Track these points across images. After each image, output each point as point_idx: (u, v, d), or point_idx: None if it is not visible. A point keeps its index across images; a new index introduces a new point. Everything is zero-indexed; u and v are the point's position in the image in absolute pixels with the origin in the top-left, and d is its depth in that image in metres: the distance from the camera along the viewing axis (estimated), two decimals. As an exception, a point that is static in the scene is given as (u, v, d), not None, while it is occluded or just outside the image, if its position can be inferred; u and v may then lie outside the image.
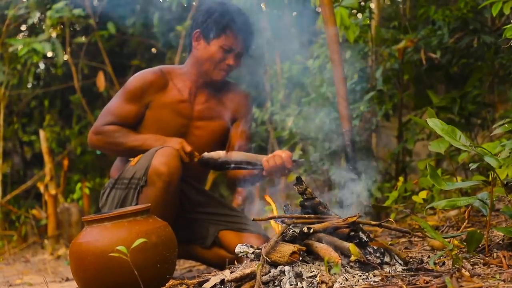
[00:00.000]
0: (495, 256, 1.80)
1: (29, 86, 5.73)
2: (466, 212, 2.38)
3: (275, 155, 2.48)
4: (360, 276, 1.69)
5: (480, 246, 1.91)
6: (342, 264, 1.71)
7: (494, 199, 1.89)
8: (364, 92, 3.48)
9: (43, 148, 4.87)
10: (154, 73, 2.69)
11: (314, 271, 1.71)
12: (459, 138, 1.82)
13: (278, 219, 1.89)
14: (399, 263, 1.80)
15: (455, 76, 3.62)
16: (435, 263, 1.79)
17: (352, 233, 1.86)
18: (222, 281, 1.79)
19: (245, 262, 1.90)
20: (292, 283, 1.65)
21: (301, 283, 1.65)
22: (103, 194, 2.74)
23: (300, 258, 1.74)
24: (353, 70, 3.65)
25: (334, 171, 2.61)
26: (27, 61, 4.93)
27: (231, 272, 1.84)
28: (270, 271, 1.71)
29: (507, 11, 2.36)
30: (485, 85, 3.34)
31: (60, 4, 4.63)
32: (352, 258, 1.71)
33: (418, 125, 3.36)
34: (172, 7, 4.81)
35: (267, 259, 1.73)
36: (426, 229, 1.80)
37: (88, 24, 5.27)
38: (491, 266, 1.72)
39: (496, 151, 1.97)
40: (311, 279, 1.67)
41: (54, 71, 5.78)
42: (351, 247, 1.73)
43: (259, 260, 1.74)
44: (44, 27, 4.92)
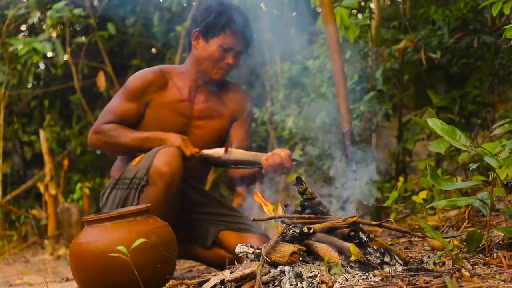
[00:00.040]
0: (495, 256, 1.80)
1: (29, 86, 5.73)
2: (466, 212, 2.38)
3: (274, 154, 2.49)
4: (360, 276, 1.69)
5: (480, 246, 1.91)
6: (342, 264, 1.71)
7: (494, 199, 1.89)
8: (364, 92, 3.48)
9: (43, 148, 4.87)
10: (154, 72, 2.69)
11: (314, 271, 1.71)
12: (459, 138, 1.82)
13: (278, 219, 1.89)
14: (399, 263, 1.80)
15: (455, 76, 3.62)
16: (435, 263, 1.79)
17: (352, 233, 1.87)
18: (222, 281, 1.79)
19: (245, 262, 1.90)
20: (292, 283, 1.65)
21: (301, 283, 1.65)
22: (103, 194, 2.74)
23: (300, 258, 1.74)
24: (353, 70, 3.65)
25: (334, 167, 2.61)
26: (27, 61, 4.93)
27: (231, 272, 1.84)
28: (270, 271, 1.71)
29: (507, 11, 2.36)
30: (485, 85, 3.34)
31: (60, 4, 4.63)
32: (352, 258, 1.71)
33: (418, 125, 3.36)
34: (172, 7, 4.81)
35: (267, 259, 1.73)
36: (426, 229, 1.80)
37: (88, 24, 5.27)
38: (491, 266, 1.72)
39: (496, 151, 1.97)
40: (311, 279, 1.67)
41: (54, 71, 5.78)
42: (351, 247, 1.73)
43: (259, 260, 1.74)
44: (45, 27, 4.92)
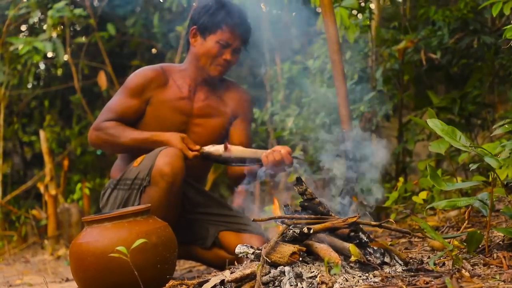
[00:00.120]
0: (495, 257, 1.80)
1: (29, 86, 5.72)
2: (466, 212, 2.38)
3: (275, 151, 2.49)
4: (360, 276, 1.69)
5: (480, 246, 1.91)
6: (342, 265, 1.71)
7: (494, 199, 1.89)
8: (364, 93, 3.48)
9: (43, 149, 4.86)
10: (154, 70, 2.70)
11: (314, 271, 1.71)
12: (459, 138, 1.82)
13: (278, 220, 1.89)
14: (399, 263, 1.80)
15: (455, 76, 3.62)
16: (435, 264, 1.79)
17: (352, 233, 1.87)
18: (222, 281, 1.79)
19: (245, 262, 1.90)
20: (292, 284, 1.65)
21: (301, 283, 1.65)
22: (103, 195, 2.74)
23: (300, 259, 1.74)
24: (353, 71, 3.65)
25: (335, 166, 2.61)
26: (27, 61, 4.93)
27: (231, 273, 1.84)
28: (270, 272, 1.71)
29: (507, 11, 2.36)
30: (485, 85, 3.34)
31: (61, 4, 4.63)
32: (352, 259, 1.71)
33: (418, 125, 3.36)
34: (172, 8, 4.81)
35: (267, 259, 1.73)
36: (426, 229, 1.80)
37: (88, 24, 5.27)
38: (491, 266, 1.72)
39: (496, 152, 1.97)
40: (311, 280, 1.67)
41: (54, 71, 5.78)
42: (351, 247, 1.73)
43: (259, 261, 1.74)
44: (45, 27, 4.92)
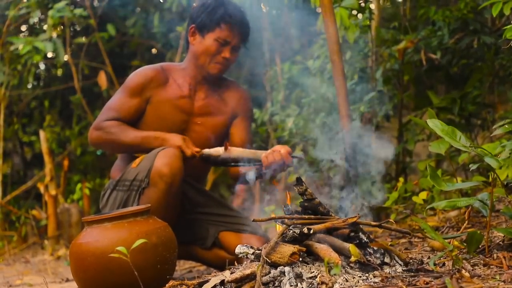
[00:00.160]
0: (495, 257, 1.80)
1: (29, 86, 5.72)
2: (466, 213, 2.38)
3: (274, 151, 2.49)
4: (360, 277, 1.69)
5: (480, 247, 1.91)
6: (342, 265, 1.71)
7: (494, 199, 1.89)
8: (364, 93, 3.48)
9: (43, 149, 4.86)
10: (154, 69, 2.70)
11: (314, 271, 1.71)
12: (459, 138, 1.82)
13: (278, 220, 1.89)
14: (399, 263, 1.80)
15: (455, 76, 3.62)
16: (435, 264, 1.79)
17: (352, 233, 1.87)
18: (222, 281, 1.79)
19: (245, 263, 1.90)
20: (292, 284, 1.65)
21: (301, 283, 1.65)
22: (103, 196, 2.74)
23: (300, 259, 1.74)
24: (353, 71, 3.65)
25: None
26: (27, 61, 4.93)
27: (231, 273, 1.84)
28: (270, 272, 1.71)
29: (507, 11, 2.36)
30: (485, 85, 3.34)
31: (61, 4, 4.63)
32: (352, 259, 1.71)
33: (418, 125, 3.36)
34: (172, 8, 4.81)
35: (267, 260, 1.73)
36: (426, 229, 1.80)
37: (88, 25, 5.27)
38: (491, 267, 1.72)
39: (496, 152, 1.97)
40: (311, 280, 1.67)
41: (54, 71, 5.78)
42: (351, 247, 1.73)
43: (259, 261, 1.74)
44: (46, 27, 4.92)
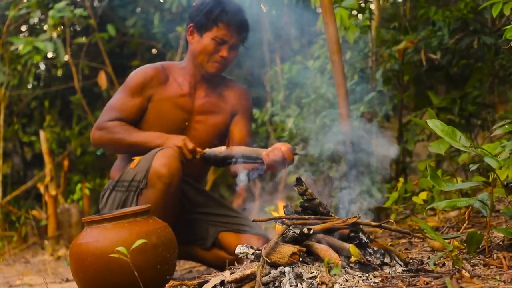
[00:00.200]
0: (495, 257, 1.80)
1: (29, 86, 5.72)
2: (466, 213, 2.38)
3: (275, 148, 2.48)
4: (360, 277, 1.69)
5: (480, 247, 1.91)
6: (342, 265, 1.71)
7: (494, 200, 1.89)
8: (364, 93, 3.48)
9: (43, 149, 4.86)
10: (154, 67, 2.71)
11: (314, 272, 1.71)
12: (459, 139, 1.82)
13: (278, 220, 1.89)
14: (399, 264, 1.80)
15: (455, 77, 3.62)
16: (435, 264, 1.79)
17: (352, 234, 1.87)
18: (222, 282, 1.79)
19: (245, 263, 1.90)
20: (292, 284, 1.65)
21: (301, 284, 1.65)
22: (103, 196, 2.74)
23: (300, 259, 1.74)
24: (353, 71, 3.65)
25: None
26: (27, 61, 4.93)
27: (231, 273, 1.84)
28: (270, 272, 1.71)
29: (507, 12, 2.36)
30: (485, 86, 3.34)
31: (62, 4, 4.63)
32: (352, 259, 1.71)
33: (418, 126, 3.36)
34: (172, 8, 4.81)
35: (267, 260, 1.73)
36: (426, 230, 1.80)
37: (88, 25, 5.27)
38: (491, 267, 1.72)
39: (496, 152, 1.97)
40: (311, 280, 1.67)
41: (54, 71, 5.78)
42: (351, 248, 1.73)
43: (259, 261, 1.74)
44: (46, 27, 4.92)
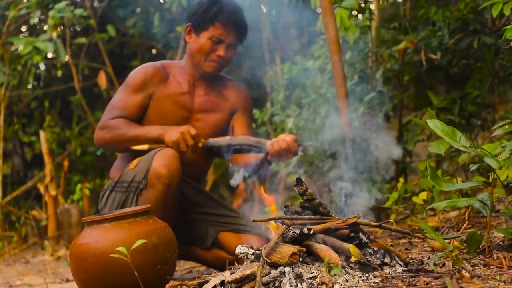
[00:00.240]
0: (495, 257, 1.80)
1: (29, 87, 5.72)
2: (466, 213, 2.38)
3: (280, 139, 2.47)
4: (360, 277, 1.69)
5: (480, 247, 1.91)
6: (342, 265, 1.71)
7: (494, 200, 1.89)
8: (364, 93, 3.48)
9: (43, 149, 4.86)
10: (154, 66, 2.73)
11: (314, 272, 1.71)
12: (459, 139, 1.82)
13: (278, 220, 1.89)
14: (399, 264, 1.80)
15: (455, 77, 3.62)
16: (435, 264, 1.79)
17: (352, 234, 1.87)
18: (222, 282, 1.79)
19: (245, 263, 1.90)
20: (292, 284, 1.65)
21: (301, 284, 1.65)
22: (103, 196, 2.73)
23: (300, 259, 1.74)
24: (353, 71, 3.65)
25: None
26: (27, 61, 4.93)
27: (231, 273, 1.84)
28: (270, 272, 1.71)
29: (507, 12, 2.36)
30: (485, 86, 3.34)
31: (62, 4, 4.63)
32: (352, 259, 1.71)
33: (418, 126, 3.36)
34: (172, 8, 4.81)
35: (267, 260, 1.73)
36: (426, 230, 1.80)
37: (88, 25, 5.27)
38: (491, 267, 1.72)
39: (496, 152, 1.97)
40: (311, 280, 1.67)
41: (54, 72, 5.78)
42: (351, 248, 1.73)
43: (259, 261, 1.74)
44: (46, 27, 4.91)
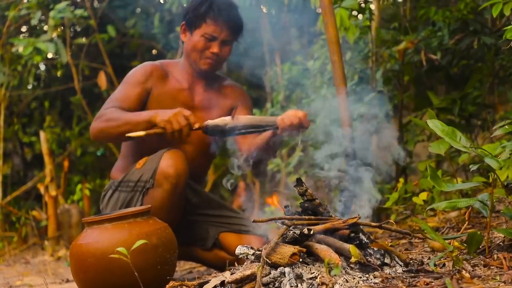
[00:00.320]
0: (495, 258, 1.80)
1: (29, 87, 5.72)
2: (467, 213, 2.38)
3: (291, 115, 2.43)
4: (360, 277, 1.69)
5: (480, 247, 1.91)
6: (342, 266, 1.71)
7: (494, 200, 1.89)
8: (364, 93, 3.48)
9: (43, 149, 4.87)
10: (153, 64, 2.74)
11: (314, 272, 1.71)
12: (459, 139, 1.82)
13: (278, 221, 1.89)
14: (399, 264, 1.80)
15: (455, 77, 3.62)
16: (435, 265, 1.79)
17: (352, 234, 1.87)
18: (222, 282, 1.79)
19: (245, 263, 1.90)
20: (292, 285, 1.65)
21: (301, 284, 1.65)
22: (104, 196, 2.73)
23: (301, 260, 1.74)
24: (353, 71, 3.65)
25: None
26: (27, 62, 4.94)
27: (231, 274, 1.84)
28: (270, 273, 1.71)
29: (507, 12, 2.36)
30: (485, 86, 3.34)
31: (62, 4, 4.63)
32: (353, 260, 1.71)
33: (418, 126, 3.36)
34: (172, 9, 4.82)
35: (268, 260, 1.73)
36: (427, 230, 1.80)
37: (88, 25, 5.27)
38: (491, 267, 1.72)
39: (497, 153, 1.97)
40: (311, 281, 1.67)
41: (54, 72, 5.78)
42: (352, 248, 1.73)
43: (260, 262, 1.74)
44: (47, 28, 4.92)
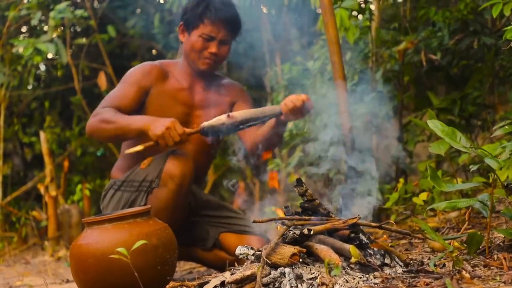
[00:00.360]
0: (495, 258, 1.80)
1: (29, 87, 5.72)
2: (467, 213, 2.38)
3: (293, 99, 2.42)
4: (360, 278, 1.69)
5: (480, 248, 1.91)
6: (342, 266, 1.71)
7: (494, 200, 1.89)
8: (364, 94, 3.48)
9: (43, 150, 4.87)
10: (152, 64, 2.74)
11: (314, 273, 1.71)
12: (459, 139, 1.82)
13: (278, 221, 1.89)
14: (399, 265, 1.80)
15: (456, 77, 3.62)
16: (435, 265, 1.79)
17: (352, 235, 1.87)
18: (223, 283, 1.79)
19: (245, 264, 1.90)
20: (292, 285, 1.65)
21: (301, 285, 1.65)
22: (105, 196, 2.73)
23: (301, 260, 1.74)
24: (353, 72, 3.65)
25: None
26: (27, 62, 4.94)
27: (231, 274, 1.85)
28: (270, 273, 1.71)
29: (507, 12, 2.36)
30: (485, 86, 3.34)
31: (62, 5, 4.64)
32: (353, 260, 1.71)
33: (418, 126, 3.36)
34: (172, 9, 4.82)
35: (268, 261, 1.73)
36: (427, 230, 1.80)
37: (88, 26, 5.27)
38: (491, 268, 1.72)
39: (497, 153, 1.97)
40: (311, 281, 1.67)
41: (54, 72, 5.78)
42: (352, 249, 1.73)
43: (260, 262, 1.74)
44: (47, 28, 4.92)
